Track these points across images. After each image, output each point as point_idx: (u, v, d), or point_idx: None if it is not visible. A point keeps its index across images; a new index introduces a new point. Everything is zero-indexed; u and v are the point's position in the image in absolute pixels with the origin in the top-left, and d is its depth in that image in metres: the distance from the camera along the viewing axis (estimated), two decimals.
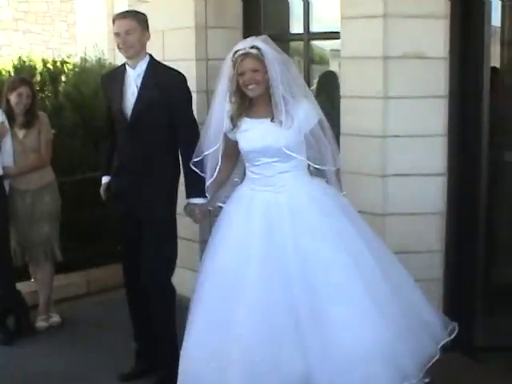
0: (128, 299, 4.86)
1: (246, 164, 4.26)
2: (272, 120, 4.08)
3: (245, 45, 4.11)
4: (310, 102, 4.15)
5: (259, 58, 4.05)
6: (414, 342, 4.06)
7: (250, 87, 4.07)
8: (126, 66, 4.55)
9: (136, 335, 4.83)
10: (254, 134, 4.13)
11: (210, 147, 4.24)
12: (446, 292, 4.94)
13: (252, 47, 4.06)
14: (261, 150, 4.12)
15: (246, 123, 4.16)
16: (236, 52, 4.10)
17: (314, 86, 5.98)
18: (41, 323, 5.74)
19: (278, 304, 3.92)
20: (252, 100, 4.17)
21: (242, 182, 4.34)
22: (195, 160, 4.31)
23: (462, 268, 4.92)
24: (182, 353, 4.13)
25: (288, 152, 4.08)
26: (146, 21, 4.57)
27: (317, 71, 6.15)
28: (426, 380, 4.30)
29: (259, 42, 4.10)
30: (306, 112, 4.09)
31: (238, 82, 4.10)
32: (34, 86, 6.03)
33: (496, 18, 5.45)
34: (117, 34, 4.47)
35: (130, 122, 4.49)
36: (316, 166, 4.19)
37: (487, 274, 5.04)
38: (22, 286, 5.82)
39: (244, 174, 4.34)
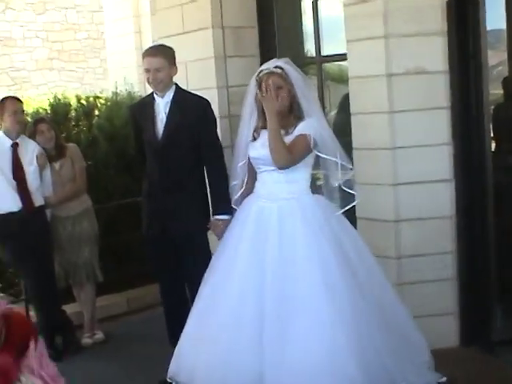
0: (165, 312, 5.14)
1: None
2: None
3: (269, 65, 4.38)
4: (316, 120, 4.32)
5: (283, 76, 4.29)
6: (391, 360, 4.14)
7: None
8: (155, 95, 4.86)
9: (172, 340, 4.98)
10: (260, 142, 4.36)
11: (239, 162, 4.50)
12: (461, 290, 5.14)
13: (276, 67, 4.32)
14: (262, 158, 4.33)
15: (262, 134, 4.39)
16: (261, 72, 4.35)
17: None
18: (86, 340, 6.05)
19: (248, 307, 4.13)
20: None
21: None
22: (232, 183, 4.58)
23: (475, 267, 5.13)
24: (180, 340, 4.53)
25: None
26: (174, 55, 4.86)
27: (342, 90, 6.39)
28: (443, 379, 4.43)
29: (282, 62, 4.37)
30: (304, 125, 4.29)
31: None
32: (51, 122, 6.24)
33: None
34: (147, 70, 4.75)
35: (160, 144, 4.78)
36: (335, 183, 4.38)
37: (500, 271, 5.25)
38: (67, 308, 6.11)
39: None
